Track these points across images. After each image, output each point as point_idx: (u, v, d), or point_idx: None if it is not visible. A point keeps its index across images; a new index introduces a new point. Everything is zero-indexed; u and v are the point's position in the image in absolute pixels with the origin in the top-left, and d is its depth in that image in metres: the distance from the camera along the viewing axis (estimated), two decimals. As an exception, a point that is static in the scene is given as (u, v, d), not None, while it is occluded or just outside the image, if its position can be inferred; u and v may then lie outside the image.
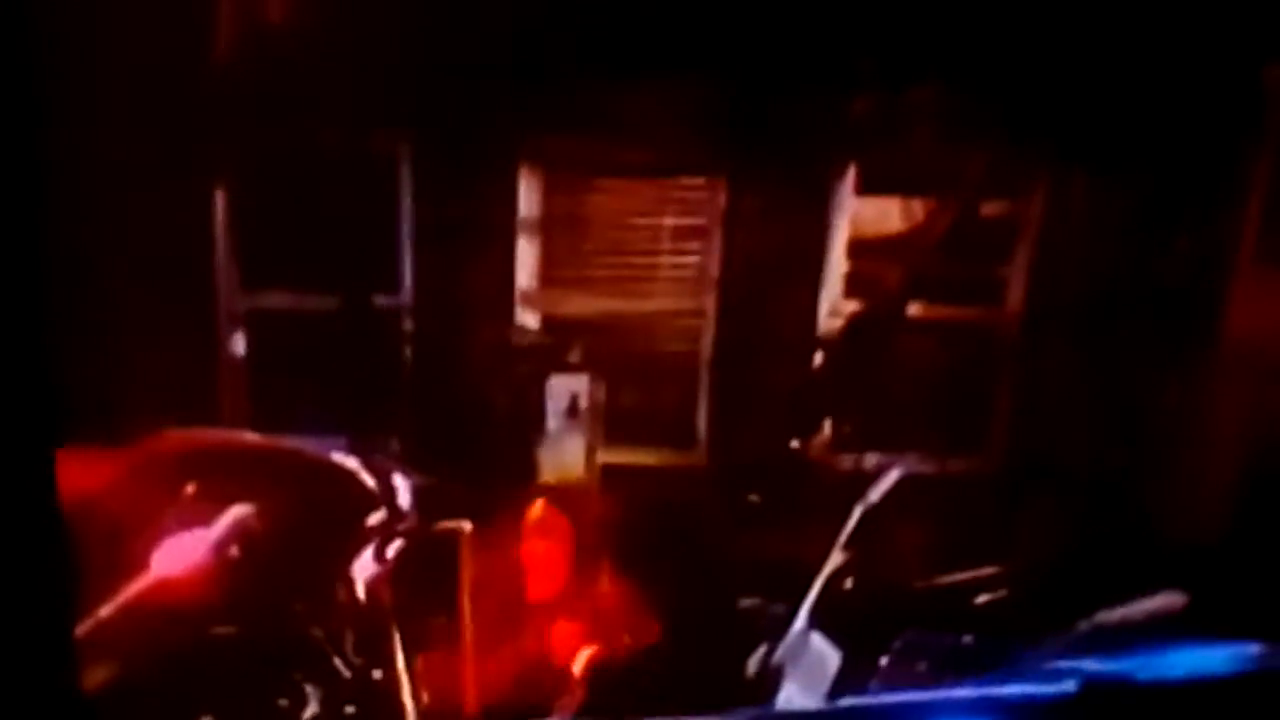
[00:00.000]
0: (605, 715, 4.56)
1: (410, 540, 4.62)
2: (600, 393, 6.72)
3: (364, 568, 4.50)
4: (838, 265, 6.85)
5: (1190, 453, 6.19)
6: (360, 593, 4.46)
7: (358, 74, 6.07)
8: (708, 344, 7.02)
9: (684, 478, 6.93)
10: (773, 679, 4.52)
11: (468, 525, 4.68)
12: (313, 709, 4.27)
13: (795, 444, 6.78)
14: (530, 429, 6.63)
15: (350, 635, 4.44)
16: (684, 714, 3.69)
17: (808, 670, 4.39)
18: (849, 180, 6.78)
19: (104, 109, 5.81)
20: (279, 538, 4.40)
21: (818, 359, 6.82)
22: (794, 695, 4.38)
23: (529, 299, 6.99)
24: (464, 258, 6.88)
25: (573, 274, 7.03)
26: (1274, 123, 5.91)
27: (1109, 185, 6.37)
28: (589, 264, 7.01)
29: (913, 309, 6.78)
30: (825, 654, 4.36)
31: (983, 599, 4.42)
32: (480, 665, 4.64)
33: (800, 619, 4.56)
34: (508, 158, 6.81)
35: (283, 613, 4.37)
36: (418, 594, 4.62)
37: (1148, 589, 3.89)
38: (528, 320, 7.01)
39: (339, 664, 4.34)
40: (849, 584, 4.65)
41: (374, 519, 4.69)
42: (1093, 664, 3.45)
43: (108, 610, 3.85)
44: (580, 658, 4.91)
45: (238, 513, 4.33)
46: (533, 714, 4.69)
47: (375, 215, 6.81)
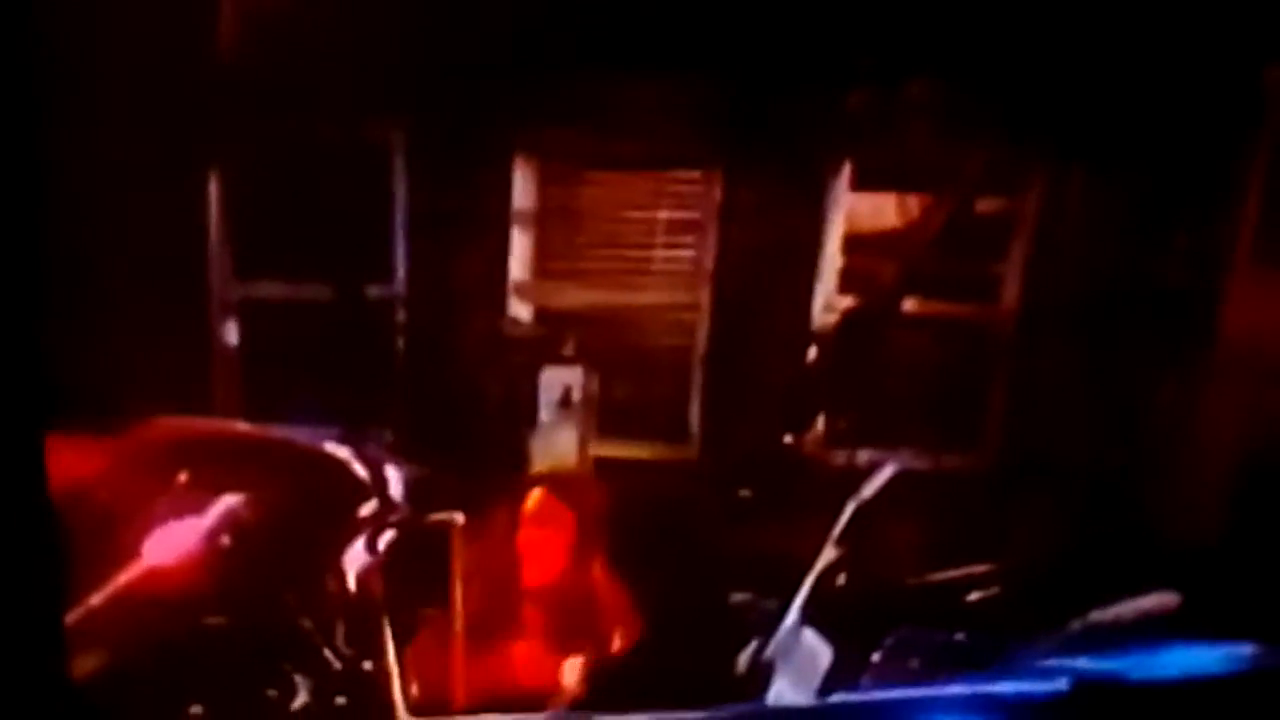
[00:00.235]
0: (595, 709, 4.55)
1: (402, 531, 4.61)
2: (593, 385, 6.71)
3: (355, 558, 4.49)
4: (833, 260, 6.85)
5: (1185, 452, 6.20)
6: (351, 583, 4.45)
7: (352, 64, 6.06)
8: (702, 338, 7.02)
9: (676, 471, 6.92)
10: (764, 675, 4.50)
11: (460, 517, 4.67)
12: (302, 699, 4.26)
13: (788, 439, 6.78)
14: (523, 421, 6.62)
15: (341, 626, 4.43)
16: (674, 709, 3.69)
17: (799, 666, 4.38)
18: (844, 175, 6.77)
19: (98, 99, 5.81)
20: (270, 528, 4.39)
21: (812, 354, 6.80)
22: (785, 691, 4.36)
23: (523, 291, 6.98)
24: (458, 249, 6.88)
25: (567, 266, 7.02)
26: (1273, 122, 5.90)
27: (1106, 183, 6.37)
28: (583, 256, 7.01)
29: (908, 305, 6.77)
30: (817, 650, 4.34)
31: (976, 596, 4.41)
32: (471, 657, 4.63)
33: (792, 615, 4.54)
34: (503, 149, 6.81)
35: (273, 603, 4.35)
36: (409, 585, 4.61)
37: (1141, 588, 3.89)
38: (521, 312, 7.00)
39: (329, 655, 4.33)
40: (841, 580, 4.63)
41: (366, 509, 4.68)
42: (1085, 663, 3.46)
43: (98, 599, 3.84)
44: (571, 652, 4.90)
45: (229, 502, 4.32)
46: (523, 707, 4.68)
47: (369, 205, 6.82)
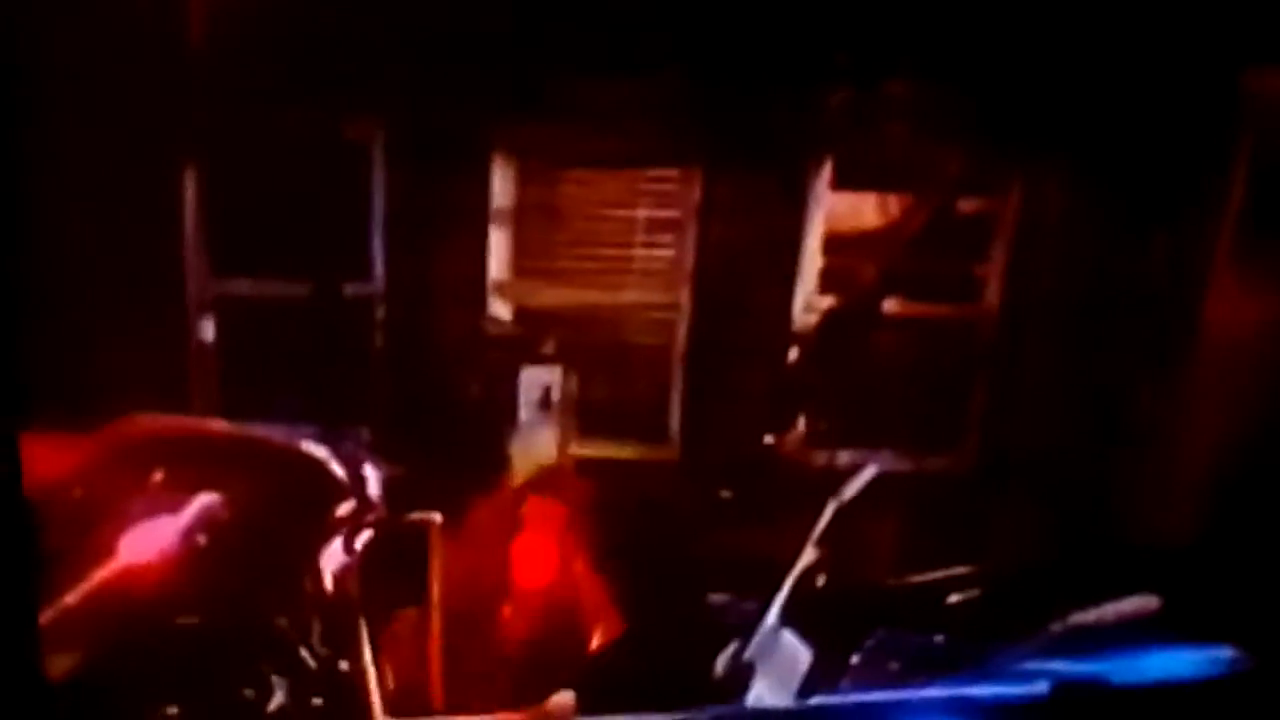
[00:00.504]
0: (575, 711, 4.54)
1: (379, 531, 4.59)
2: (573, 385, 6.68)
3: (332, 558, 4.48)
4: (813, 260, 6.83)
5: (1165, 454, 6.21)
6: (328, 583, 4.43)
7: (330, 60, 6.04)
8: (682, 338, 7.00)
9: (656, 472, 6.91)
10: (743, 676, 4.50)
11: (437, 516, 4.65)
12: (279, 700, 4.24)
13: (769, 440, 6.78)
14: (502, 420, 6.59)
15: (318, 626, 4.41)
16: (653, 711, 3.68)
17: (778, 668, 4.37)
18: (825, 175, 6.75)
19: (74, 94, 5.77)
20: (247, 527, 4.38)
21: (792, 355, 6.81)
22: (764, 693, 4.36)
23: (502, 289, 6.96)
24: (436, 247, 6.85)
25: (546, 265, 6.99)
26: (1251, 124, 5.92)
27: (1087, 183, 6.38)
28: (563, 255, 6.98)
29: (889, 306, 6.78)
30: (796, 652, 4.34)
31: (955, 599, 4.41)
32: (447, 657, 4.62)
33: (771, 616, 4.54)
34: (481, 147, 6.78)
35: (250, 603, 4.33)
36: (386, 585, 4.60)
37: (1121, 591, 3.90)
38: (500, 311, 6.97)
39: (306, 655, 4.31)
40: (821, 581, 4.64)
41: (343, 509, 4.67)
42: (1064, 665, 3.47)
43: (73, 598, 3.82)
44: (551, 651, 4.89)
45: (205, 501, 4.30)
46: (499, 707, 4.66)
47: (347, 203, 6.78)
